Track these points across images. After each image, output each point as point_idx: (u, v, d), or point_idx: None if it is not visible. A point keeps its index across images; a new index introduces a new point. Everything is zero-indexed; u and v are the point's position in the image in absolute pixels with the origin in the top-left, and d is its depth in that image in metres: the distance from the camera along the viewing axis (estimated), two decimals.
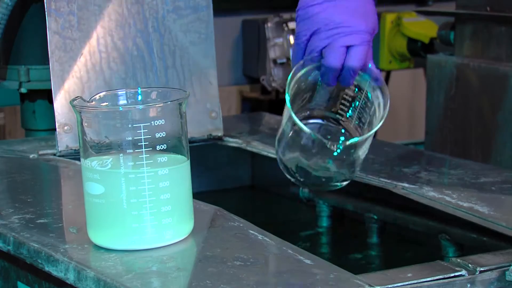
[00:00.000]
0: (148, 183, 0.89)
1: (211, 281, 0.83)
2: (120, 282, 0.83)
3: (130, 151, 0.88)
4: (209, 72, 1.40)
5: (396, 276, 0.85)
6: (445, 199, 1.09)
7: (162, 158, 0.90)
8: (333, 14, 0.99)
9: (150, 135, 0.88)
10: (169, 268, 0.87)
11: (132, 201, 0.89)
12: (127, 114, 0.88)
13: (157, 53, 1.37)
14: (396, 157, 1.31)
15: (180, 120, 0.91)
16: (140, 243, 0.90)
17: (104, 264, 0.87)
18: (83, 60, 1.32)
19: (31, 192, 1.12)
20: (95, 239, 0.92)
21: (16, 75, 1.46)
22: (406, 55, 2.03)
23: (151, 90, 0.95)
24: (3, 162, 1.28)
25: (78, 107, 0.89)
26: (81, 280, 0.86)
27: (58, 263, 0.89)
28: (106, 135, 0.89)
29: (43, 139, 1.38)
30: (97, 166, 0.89)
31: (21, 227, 0.98)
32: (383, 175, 1.20)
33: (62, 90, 1.30)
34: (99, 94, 0.93)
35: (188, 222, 0.93)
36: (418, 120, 2.56)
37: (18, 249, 0.94)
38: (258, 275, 0.85)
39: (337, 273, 0.86)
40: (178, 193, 0.91)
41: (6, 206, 1.06)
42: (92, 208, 0.91)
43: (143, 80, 1.35)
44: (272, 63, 2.02)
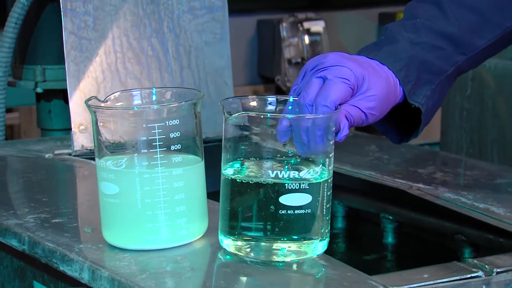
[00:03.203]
0: (162, 183, 0.89)
1: (226, 282, 0.83)
2: (135, 282, 0.83)
3: (145, 151, 0.88)
4: (224, 72, 1.39)
5: (412, 277, 0.85)
6: (461, 200, 1.08)
7: (176, 158, 0.89)
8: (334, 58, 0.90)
9: (165, 135, 0.88)
10: (183, 268, 0.86)
11: (147, 201, 0.89)
12: (141, 114, 0.88)
13: (172, 53, 1.36)
14: (411, 158, 1.30)
15: (194, 120, 0.91)
16: (154, 243, 0.90)
17: (119, 264, 0.87)
18: (99, 60, 1.32)
19: (47, 191, 1.13)
20: (110, 239, 0.92)
21: (32, 75, 1.46)
22: None
23: (165, 90, 0.95)
24: (19, 162, 1.29)
25: (93, 107, 0.89)
26: (96, 280, 0.86)
27: (72, 263, 0.89)
28: (120, 135, 0.89)
29: (59, 138, 1.39)
30: (112, 166, 0.89)
31: (36, 227, 0.98)
32: (398, 175, 1.19)
33: (77, 90, 1.31)
34: (114, 94, 0.93)
35: (202, 222, 0.93)
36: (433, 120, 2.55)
37: (33, 249, 0.94)
38: (273, 275, 0.84)
39: (352, 274, 0.85)
40: (192, 193, 0.91)
41: (21, 206, 1.07)
42: (106, 208, 0.91)
43: (158, 80, 1.35)
44: (287, 63, 2.02)
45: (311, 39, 2.04)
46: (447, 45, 0.97)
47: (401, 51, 0.95)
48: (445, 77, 0.98)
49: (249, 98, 0.90)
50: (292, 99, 0.90)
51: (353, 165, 1.25)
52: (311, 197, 0.85)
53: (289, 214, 0.84)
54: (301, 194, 0.85)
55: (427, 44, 0.97)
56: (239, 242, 0.86)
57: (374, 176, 1.19)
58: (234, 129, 0.86)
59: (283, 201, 0.84)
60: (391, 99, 0.94)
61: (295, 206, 0.84)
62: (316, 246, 0.86)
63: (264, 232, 0.85)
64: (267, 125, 0.84)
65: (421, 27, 0.97)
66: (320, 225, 0.86)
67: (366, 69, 0.91)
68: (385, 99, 0.92)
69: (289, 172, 0.84)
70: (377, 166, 1.25)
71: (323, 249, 0.87)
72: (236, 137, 0.86)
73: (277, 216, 0.85)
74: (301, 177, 0.84)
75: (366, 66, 0.92)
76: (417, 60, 0.96)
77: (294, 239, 0.85)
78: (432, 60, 0.96)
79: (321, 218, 0.86)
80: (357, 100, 0.90)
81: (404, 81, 0.95)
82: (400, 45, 0.96)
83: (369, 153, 1.33)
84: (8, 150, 1.33)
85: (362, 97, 0.90)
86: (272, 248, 0.85)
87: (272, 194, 0.84)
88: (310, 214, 0.85)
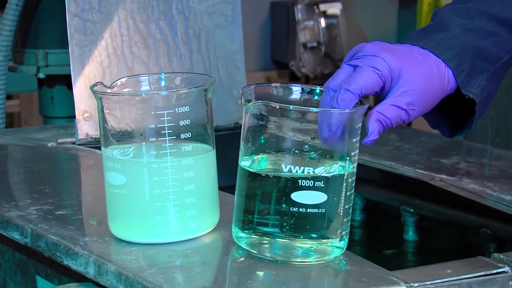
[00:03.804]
0: (171, 173, 0.89)
1: (239, 277, 0.83)
2: (142, 277, 0.83)
3: (153, 140, 0.89)
4: (236, 57, 1.40)
5: (434, 273, 0.85)
6: (486, 191, 1.08)
7: (186, 147, 0.90)
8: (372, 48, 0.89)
9: (174, 122, 0.88)
10: (193, 262, 0.87)
11: (155, 192, 0.89)
12: (150, 100, 0.88)
13: (181, 37, 1.37)
14: (433, 147, 1.30)
15: (205, 107, 0.91)
16: (163, 236, 0.90)
17: (126, 258, 0.88)
18: (104, 44, 1.33)
19: (50, 182, 1.13)
20: (116, 232, 0.92)
21: (34, 60, 1.47)
22: None
23: (175, 76, 0.95)
24: (20, 151, 1.29)
25: (99, 93, 0.89)
26: (102, 275, 0.87)
27: (77, 257, 0.90)
28: (128, 123, 0.89)
29: (62, 126, 1.39)
30: (119, 155, 0.89)
31: (39, 219, 0.98)
32: (420, 166, 1.19)
33: (81, 75, 1.31)
34: (120, 80, 0.93)
35: (213, 214, 0.93)
36: None
37: (36, 242, 0.95)
38: (288, 270, 0.85)
39: (372, 269, 0.85)
40: (203, 184, 0.91)
41: (23, 197, 1.07)
42: (113, 199, 0.91)
43: (166, 65, 1.35)
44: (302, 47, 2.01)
45: (328, 22, 2.04)
46: (503, 31, 0.95)
47: (453, 39, 0.93)
48: (501, 65, 0.96)
49: (272, 86, 0.90)
50: (319, 89, 0.90)
51: (372, 155, 1.25)
52: (326, 196, 0.85)
53: (301, 212, 0.85)
54: (314, 192, 0.85)
55: (481, 30, 0.94)
56: (255, 236, 0.86)
57: (394, 167, 1.19)
58: (253, 118, 0.86)
59: (295, 198, 0.84)
60: (437, 92, 0.92)
61: (308, 204, 0.84)
62: (332, 248, 0.86)
63: (279, 228, 0.85)
64: (289, 117, 0.84)
65: (474, 12, 0.95)
66: (337, 226, 0.86)
67: (404, 61, 0.89)
68: (427, 92, 0.90)
69: (303, 167, 0.84)
70: (397, 156, 1.25)
71: (341, 252, 0.87)
72: (256, 127, 0.86)
73: (289, 214, 0.85)
74: (316, 174, 0.84)
75: (405, 57, 0.90)
76: (471, 47, 0.94)
77: (307, 239, 0.85)
78: (487, 47, 0.94)
79: (338, 219, 0.86)
80: (393, 98, 0.89)
81: (456, 70, 0.93)
82: (451, 32, 0.94)
83: (389, 142, 1.33)
84: (9, 139, 1.34)
85: (399, 92, 0.89)
86: (286, 246, 0.85)
87: (285, 189, 0.84)
88: (325, 214, 0.85)
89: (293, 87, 0.90)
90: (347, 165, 0.86)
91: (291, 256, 0.85)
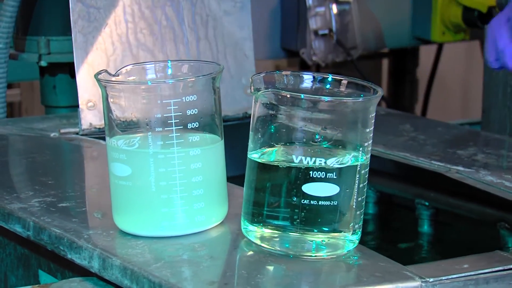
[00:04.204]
0: (178, 164, 0.89)
1: (248, 271, 0.84)
2: (149, 271, 0.84)
3: (160, 130, 0.89)
4: (245, 44, 1.40)
5: (450, 267, 0.85)
6: (504, 184, 1.08)
7: (193, 137, 0.90)
8: None
9: (181, 112, 0.89)
10: (201, 256, 0.87)
11: (162, 183, 0.89)
12: (156, 89, 0.89)
13: (188, 23, 1.37)
14: (449, 138, 1.30)
15: (213, 96, 0.91)
16: (170, 229, 0.90)
17: (131, 251, 0.88)
18: (108, 30, 1.33)
19: (52, 173, 1.14)
20: (121, 225, 0.92)
21: (36, 47, 1.47)
22: (461, 25, 2.01)
23: (182, 63, 0.95)
24: (22, 141, 1.30)
25: (103, 82, 0.90)
26: (106, 269, 0.87)
27: (81, 250, 0.90)
28: (133, 112, 0.89)
29: (65, 116, 1.40)
30: (124, 146, 0.90)
31: (42, 211, 0.99)
32: (435, 157, 1.19)
33: (85, 63, 1.31)
34: (125, 68, 0.93)
35: (221, 207, 0.94)
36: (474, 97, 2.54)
37: (38, 235, 0.95)
38: (298, 264, 0.85)
39: (385, 263, 0.85)
40: (211, 175, 0.91)
41: (25, 189, 1.08)
42: (118, 191, 0.92)
43: (172, 53, 1.36)
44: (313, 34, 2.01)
45: (340, 8, 2.03)
46: None
47: None
48: None
49: (283, 74, 0.90)
50: (331, 78, 0.90)
51: (386, 146, 1.25)
52: (339, 188, 0.85)
53: (312, 205, 0.85)
54: (326, 184, 0.85)
55: None
56: (264, 229, 0.87)
57: (409, 158, 1.19)
58: (263, 108, 0.86)
59: (306, 190, 0.85)
60: None
61: (319, 196, 0.85)
62: (344, 242, 0.87)
63: (290, 221, 0.85)
64: (300, 106, 0.84)
65: None
66: (349, 220, 0.86)
67: None
68: None
69: (315, 158, 0.84)
70: (412, 147, 1.25)
71: (354, 246, 0.87)
72: (265, 117, 0.86)
73: (300, 206, 0.85)
74: (328, 165, 0.85)
75: None
76: None
77: (319, 232, 0.85)
78: None
79: (351, 212, 0.86)
80: None
81: None
82: None
83: (404, 133, 1.33)
84: (10, 129, 1.34)
85: None
86: (297, 239, 0.85)
87: (296, 181, 0.85)
88: (337, 207, 0.85)
89: (304, 75, 0.90)
90: (360, 156, 0.86)
91: (302, 250, 0.86)
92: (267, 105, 0.86)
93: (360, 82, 0.89)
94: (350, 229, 0.87)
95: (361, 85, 0.89)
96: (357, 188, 0.86)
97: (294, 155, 0.85)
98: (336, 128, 0.85)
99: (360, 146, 0.86)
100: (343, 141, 0.86)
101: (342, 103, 0.85)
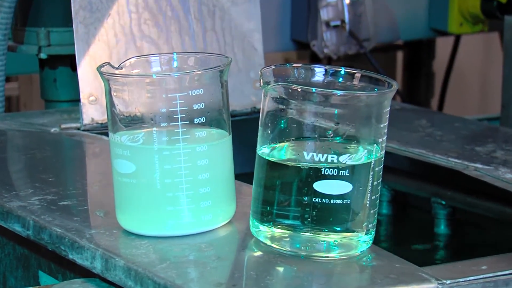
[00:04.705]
0: (184, 161, 0.90)
1: (257, 272, 0.84)
2: (153, 272, 0.84)
3: (165, 125, 0.89)
4: (253, 36, 1.40)
5: (468, 269, 0.85)
6: None
7: (200, 133, 0.90)
8: None
9: (187, 106, 0.89)
10: (208, 257, 0.87)
11: (167, 181, 0.90)
12: (161, 82, 0.89)
13: (194, 14, 1.37)
14: (467, 134, 1.30)
15: (221, 90, 0.91)
16: (175, 229, 0.91)
17: (135, 251, 0.88)
18: (111, 21, 1.33)
19: (53, 170, 1.14)
20: (125, 224, 0.93)
21: (35, 39, 1.47)
22: (479, 16, 2.01)
23: (188, 56, 0.96)
24: (21, 137, 1.30)
25: (106, 75, 0.90)
26: (109, 270, 0.88)
27: (83, 250, 0.90)
28: (137, 107, 0.90)
29: (66, 111, 1.40)
30: (128, 142, 0.90)
31: (42, 210, 0.99)
32: (452, 154, 1.19)
33: (87, 55, 1.32)
34: (129, 60, 0.94)
35: (229, 205, 0.94)
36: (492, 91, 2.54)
37: (38, 234, 0.95)
38: (310, 265, 0.85)
39: (400, 265, 0.86)
40: (218, 172, 0.92)
41: (25, 186, 1.08)
42: (121, 188, 0.92)
43: (177, 45, 1.36)
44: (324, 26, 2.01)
45: None
46: None
47: None
48: None
49: (293, 67, 0.90)
50: (344, 71, 0.90)
51: (400, 142, 1.25)
52: (352, 186, 0.85)
53: (324, 203, 0.85)
54: (339, 182, 0.85)
55: None
56: (274, 229, 0.87)
57: (425, 155, 1.19)
58: (273, 102, 0.86)
59: (317, 188, 0.85)
60: None
61: (331, 194, 0.85)
62: (357, 242, 0.87)
63: (301, 220, 0.85)
64: (312, 100, 0.84)
65: None
66: (363, 219, 0.87)
67: None
68: None
69: (327, 155, 0.85)
70: (428, 143, 1.25)
71: (367, 246, 0.88)
72: (275, 111, 0.86)
73: (311, 205, 0.85)
74: (340, 162, 0.85)
75: None
76: None
77: (331, 232, 0.86)
78: None
79: (364, 211, 0.87)
80: None
81: None
82: None
83: (419, 128, 1.33)
84: (9, 124, 1.34)
85: None
86: (308, 239, 0.86)
87: (307, 179, 0.85)
88: (350, 206, 0.86)
89: (315, 68, 0.90)
90: (374, 153, 0.86)
91: (314, 251, 0.86)
92: (277, 100, 0.86)
93: (374, 76, 0.89)
94: (363, 228, 0.87)
95: (375, 78, 0.89)
96: (371, 186, 0.86)
97: (305, 152, 0.85)
98: (349, 123, 0.85)
99: (374, 142, 0.86)
100: (356, 137, 0.86)
101: (355, 97, 0.85)
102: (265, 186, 0.88)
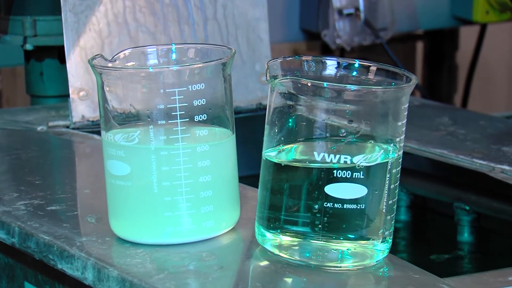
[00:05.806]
0: (184, 162, 0.90)
1: (262, 284, 0.85)
2: (150, 283, 0.84)
3: (162, 123, 0.90)
4: (259, 26, 1.40)
5: (494, 280, 0.85)
6: None
7: (201, 132, 0.91)
8: None
9: (187, 102, 0.89)
10: (209, 267, 0.88)
11: (165, 184, 0.90)
12: (158, 76, 0.89)
13: (194, 2, 1.38)
14: (493, 133, 1.30)
15: (223, 84, 0.92)
16: (174, 236, 0.91)
17: (130, 261, 0.89)
18: (103, 9, 1.34)
19: (40, 172, 1.14)
20: (119, 231, 0.93)
21: (20, 28, 1.48)
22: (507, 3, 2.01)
23: (187, 47, 0.96)
24: (5, 136, 1.31)
25: (99, 68, 0.91)
26: (102, 281, 0.88)
27: (73, 260, 0.91)
28: (132, 103, 0.90)
29: (54, 107, 1.40)
30: (122, 141, 0.91)
31: (28, 215, 1.00)
32: (477, 155, 1.19)
33: (77, 46, 1.32)
34: (123, 52, 0.94)
35: (232, 210, 0.94)
36: None
37: (24, 242, 0.96)
38: (320, 276, 0.86)
39: (420, 275, 0.86)
40: (220, 174, 0.92)
41: (9, 190, 1.09)
42: (115, 192, 0.92)
43: (176, 35, 1.36)
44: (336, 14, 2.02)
45: None
46: None
47: None
48: None
49: (303, 59, 0.90)
50: (358, 63, 0.90)
51: (420, 142, 1.25)
52: (367, 189, 0.86)
53: (336, 209, 0.85)
54: (352, 185, 0.85)
55: None
56: (282, 236, 0.88)
57: (447, 156, 1.19)
58: (281, 98, 0.87)
59: (329, 192, 0.85)
60: None
61: (344, 199, 0.85)
62: (373, 251, 0.87)
63: (311, 227, 0.86)
64: (323, 96, 0.85)
65: None
66: (379, 226, 0.87)
67: None
68: None
69: (339, 156, 0.85)
70: (450, 143, 1.26)
71: (383, 255, 0.88)
72: (283, 108, 0.87)
73: (322, 210, 0.86)
74: (354, 163, 0.85)
75: None
76: None
77: (344, 240, 0.86)
78: None
79: (380, 217, 0.87)
80: None
81: None
82: None
83: (441, 126, 1.33)
84: None
85: None
86: (319, 248, 0.86)
87: (318, 182, 0.85)
88: (364, 211, 0.86)
89: (327, 60, 0.91)
90: (391, 153, 0.87)
91: (325, 260, 0.87)
92: (285, 95, 0.86)
93: (391, 69, 0.90)
94: (379, 236, 0.87)
95: (392, 72, 0.90)
96: (388, 190, 0.87)
97: (315, 152, 0.86)
98: (363, 121, 0.86)
99: (391, 142, 0.87)
100: (371, 136, 0.86)
101: (370, 93, 0.86)
102: (271, 189, 0.88)
